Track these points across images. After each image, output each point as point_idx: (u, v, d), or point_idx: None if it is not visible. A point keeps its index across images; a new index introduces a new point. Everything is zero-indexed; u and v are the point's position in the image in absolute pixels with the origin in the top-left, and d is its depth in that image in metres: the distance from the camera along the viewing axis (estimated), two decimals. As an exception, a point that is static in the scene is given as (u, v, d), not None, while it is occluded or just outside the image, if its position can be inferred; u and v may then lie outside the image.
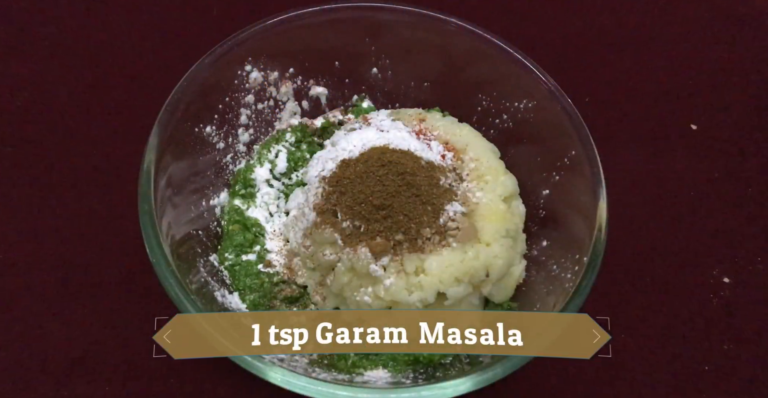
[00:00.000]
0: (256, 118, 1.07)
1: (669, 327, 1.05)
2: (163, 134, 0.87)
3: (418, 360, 0.89)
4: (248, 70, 1.02)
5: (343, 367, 0.90)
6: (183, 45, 1.27)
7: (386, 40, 1.06)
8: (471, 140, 0.98)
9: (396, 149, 0.91)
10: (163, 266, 0.78)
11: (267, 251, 0.98)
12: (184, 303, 0.76)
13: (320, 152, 1.01)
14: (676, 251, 1.12)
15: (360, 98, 1.14)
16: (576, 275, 0.84)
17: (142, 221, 0.80)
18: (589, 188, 0.90)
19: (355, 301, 0.88)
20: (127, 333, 0.99)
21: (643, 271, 1.10)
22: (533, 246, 0.99)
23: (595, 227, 0.86)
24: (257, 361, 0.74)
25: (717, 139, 1.25)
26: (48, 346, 0.97)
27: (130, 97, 1.21)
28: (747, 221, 1.16)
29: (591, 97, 1.28)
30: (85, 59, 1.24)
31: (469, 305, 0.92)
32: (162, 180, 0.86)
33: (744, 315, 1.07)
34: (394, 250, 0.87)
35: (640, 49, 1.35)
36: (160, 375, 0.96)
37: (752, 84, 1.32)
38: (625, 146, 1.23)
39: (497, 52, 1.01)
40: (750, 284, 1.09)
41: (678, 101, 1.29)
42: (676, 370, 1.02)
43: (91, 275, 1.03)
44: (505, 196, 0.93)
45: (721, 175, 1.21)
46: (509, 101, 1.03)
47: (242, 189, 1.03)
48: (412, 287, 0.86)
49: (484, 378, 0.75)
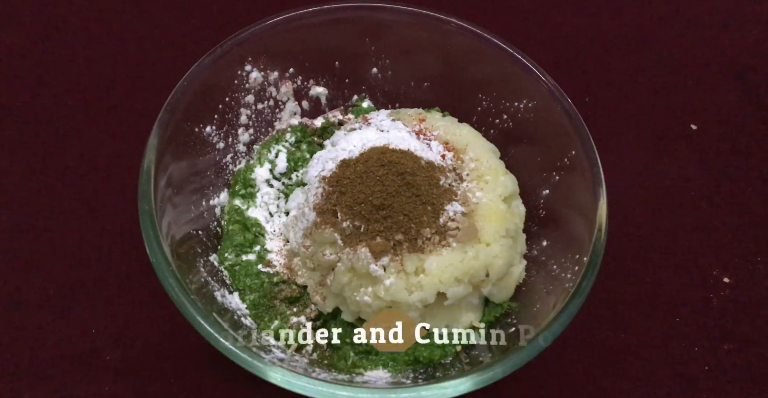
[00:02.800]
0: (256, 118, 1.07)
1: (669, 327, 1.05)
2: (163, 134, 0.88)
3: (418, 360, 0.89)
4: (248, 70, 1.02)
5: (343, 367, 0.90)
6: (183, 45, 1.27)
7: (386, 40, 1.06)
8: (471, 140, 0.98)
9: (396, 149, 0.91)
10: (163, 266, 0.78)
11: (267, 251, 0.98)
12: (184, 303, 0.76)
13: (320, 152, 1.01)
14: (676, 251, 1.12)
15: (360, 98, 1.14)
16: (576, 275, 0.84)
17: (142, 221, 0.80)
18: (589, 188, 0.90)
19: (355, 301, 0.88)
20: (127, 333, 0.99)
21: (643, 271, 1.10)
22: (533, 246, 0.99)
23: (595, 227, 0.86)
24: (257, 361, 0.74)
25: (717, 139, 1.25)
26: (48, 346, 0.97)
27: (130, 97, 1.21)
28: (747, 221, 1.16)
29: (591, 97, 1.28)
30: (85, 59, 1.24)
31: (469, 305, 0.92)
32: (162, 180, 0.86)
33: (744, 315, 1.07)
34: (394, 250, 0.87)
35: (640, 49, 1.35)
36: (160, 375, 0.96)
37: (752, 84, 1.31)
38: (625, 146, 1.23)
39: (497, 52, 1.01)
40: (750, 284, 1.09)
41: (678, 101, 1.29)
42: (676, 370, 1.02)
43: (91, 276, 1.03)
44: (505, 196, 0.93)
45: (721, 175, 1.21)
46: (509, 101, 1.03)
47: (242, 189, 1.03)
48: (412, 287, 0.86)
49: (484, 378, 0.75)
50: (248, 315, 0.92)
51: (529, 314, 0.90)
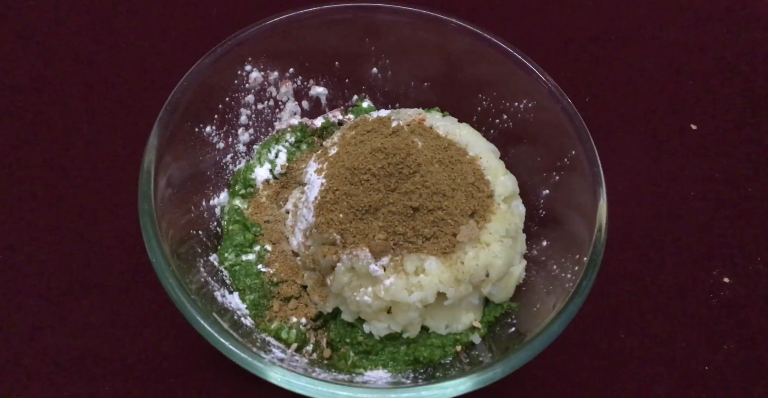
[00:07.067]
0: (256, 118, 1.07)
1: (669, 327, 1.05)
2: (163, 134, 0.88)
3: (418, 360, 0.89)
4: (248, 70, 1.02)
5: (343, 367, 0.90)
6: (183, 45, 1.28)
7: (386, 40, 1.06)
8: (471, 140, 0.98)
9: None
10: (163, 266, 0.78)
11: (267, 251, 0.98)
12: (184, 302, 0.76)
13: (320, 152, 1.01)
14: (675, 251, 1.12)
15: (360, 98, 1.14)
16: (576, 275, 0.84)
17: (142, 221, 0.80)
18: (589, 188, 0.90)
19: (355, 301, 0.88)
20: (127, 333, 0.99)
21: (643, 271, 1.10)
22: (533, 246, 0.99)
23: (595, 227, 0.86)
24: (257, 361, 0.74)
25: (717, 139, 1.25)
26: (48, 346, 0.97)
27: (130, 97, 1.21)
28: (747, 221, 1.16)
29: (591, 97, 1.28)
30: (86, 59, 1.24)
31: (469, 305, 0.92)
32: (162, 180, 0.86)
33: (744, 315, 1.07)
34: (394, 250, 0.87)
35: (640, 49, 1.35)
36: (160, 375, 0.96)
37: (752, 84, 1.32)
38: (625, 146, 1.23)
39: (497, 52, 1.01)
40: (750, 284, 1.10)
41: (678, 101, 1.29)
42: (676, 370, 1.02)
43: (91, 275, 1.03)
44: (505, 196, 0.93)
45: (721, 175, 1.21)
46: (509, 101, 1.03)
47: (242, 189, 1.03)
48: (412, 287, 0.86)
49: (484, 378, 0.75)
50: (248, 315, 0.92)
51: (529, 314, 0.90)
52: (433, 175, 0.87)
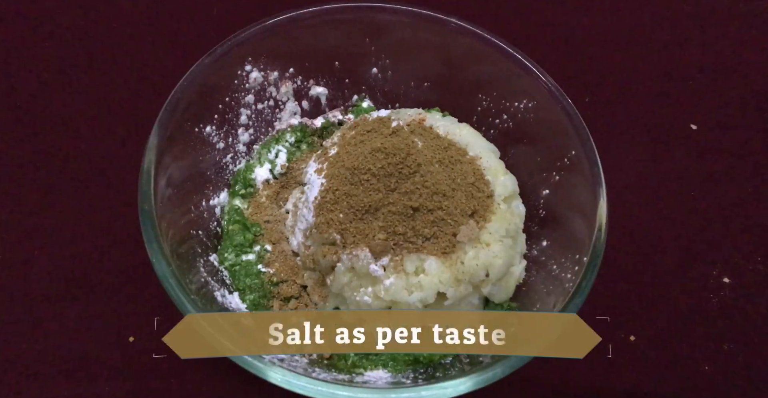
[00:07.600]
0: (256, 118, 1.07)
1: (669, 327, 1.05)
2: (163, 134, 0.87)
3: (418, 360, 0.89)
4: (248, 70, 1.02)
5: (343, 367, 0.90)
6: (183, 45, 1.27)
7: (386, 40, 1.06)
8: (471, 140, 0.98)
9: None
10: (163, 266, 0.78)
11: (267, 251, 0.98)
12: (184, 302, 0.76)
13: (320, 152, 1.01)
14: (676, 251, 1.12)
15: (360, 98, 1.14)
16: (576, 275, 0.84)
17: (142, 221, 0.80)
18: (589, 188, 0.90)
19: (355, 301, 0.88)
20: (127, 333, 0.99)
21: (643, 271, 1.10)
22: (533, 246, 0.99)
23: (595, 227, 0.86)
24: (257, 361, 0.74)
25: (717, 139, 1.25)
26: (48, 346, 0.97)
27: (130, 97, 1.21)
28: (747, 221, 1.16)
29: (591, 97, 1.28)
30: (86, 59, 1.24)
31: (469, 305, 0.92)
32: (162, 180, 0.86)
33: (744, 315, 1.07)
34: (394, 250, 0.87)
35: (639, 49, 1.35)
36: (160, 375, 0.96)
37: (752, 84, 1.31)
38: (625, 146, 1.23)
39: (497, 52, 1.01)
40: (750, 284, 1.09)
41: (678, 101, 1.29)
42: (676, 370, 1.02)
43: (91, 275, 1.03)
44: (505, 196, 0.93)
45: (721, 175, 1.21)
46: (509, 101, 1.03)
47: (242, 189, 1.03)
48: (412, 287, 0.86)
49: (484, 378, 0.75)
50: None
51: (529, 314, 0.90)
52: (433, 175, 0.87)
